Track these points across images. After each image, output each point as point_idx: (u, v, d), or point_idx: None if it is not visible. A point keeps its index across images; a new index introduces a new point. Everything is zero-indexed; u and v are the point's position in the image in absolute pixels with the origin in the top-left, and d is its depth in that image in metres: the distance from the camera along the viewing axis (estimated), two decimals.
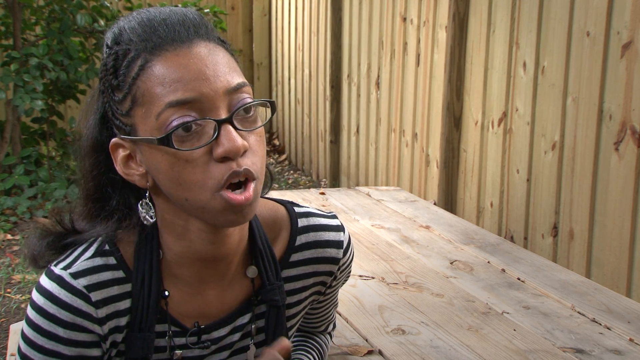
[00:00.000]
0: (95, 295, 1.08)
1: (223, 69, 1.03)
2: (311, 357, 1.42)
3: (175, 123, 0.99)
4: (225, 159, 1.01)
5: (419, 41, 4.23)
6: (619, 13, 2.77)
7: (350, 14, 5.23)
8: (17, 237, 4.48)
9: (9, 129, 5.19)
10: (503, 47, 3.49)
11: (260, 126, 1.06)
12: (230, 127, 1.01)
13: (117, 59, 1.04)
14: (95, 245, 1.12)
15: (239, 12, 7.03)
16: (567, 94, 3.07)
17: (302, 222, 1.24)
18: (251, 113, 1.04)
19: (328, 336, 1.51)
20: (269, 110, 1.09)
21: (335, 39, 5.42)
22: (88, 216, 1.14)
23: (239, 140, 1.00)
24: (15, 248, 4.33)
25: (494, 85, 3.59)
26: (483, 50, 3.65)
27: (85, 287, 1.08)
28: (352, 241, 1.32)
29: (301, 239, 1.24)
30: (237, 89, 1.03)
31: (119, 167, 1.08)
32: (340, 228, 1.28)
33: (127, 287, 1.11)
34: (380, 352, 1.81)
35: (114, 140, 1.07)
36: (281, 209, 1.25)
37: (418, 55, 4.25)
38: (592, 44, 2.91)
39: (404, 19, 4.40)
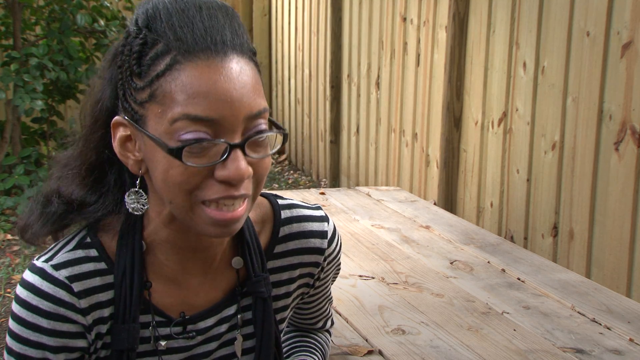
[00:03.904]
0: (77, 286, 1.09)
1: (249, 93, 1.01)
2: (316, 357, 1.42)
3: (188, 136, 0.98)
4: (225, 181, 1.01)
5: (419, 41, 4.23)
6: (619, 13, 2.77)
7: (350, 14, 5.23)
8: (17, 237, 4.48)
9: (9, 129, 5.19)
10: (503, 47, 3.49)
11: (269, 155, 1.05)
12: (240, 153, 1.00)
13: (144, 45, 1.02)
14: (77, 238, 1.12)
15: (239, 12, 7.02)
16: (567, 94, 3.07)
17: (285, 213, 1.25)
18: (263, 139, 1.04)
19: (327, 334, 1.51)
20: (280, 136, 1.07)
21: (335, 39, 5.42)
22: (85, 187, 1.13)
23: (244, 167, 1.00)
24: (15, 248, 4.33)
25: (494, 85, 3.59)
26: (483, 50, 3.65)
27: (66, 277, 1.08)
28: (338, 232, 1.31)
29: (284, 230, 1.24)
30: (257, 115, 1.02)
31: (115, 145, 1.07)
32: (324, 219, 1.28)
33: (109, 279, 1.11)
34: (380, 352, 1.81)
35: (117, 118, 1.06)
36: (264, 202, 1.25)
37: (418, 55, 4.25)
38: (592, 44, 2.91)
39: (404, 19, 4.40)
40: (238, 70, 1.01)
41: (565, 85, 3.08)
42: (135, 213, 1.08)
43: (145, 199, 1.08)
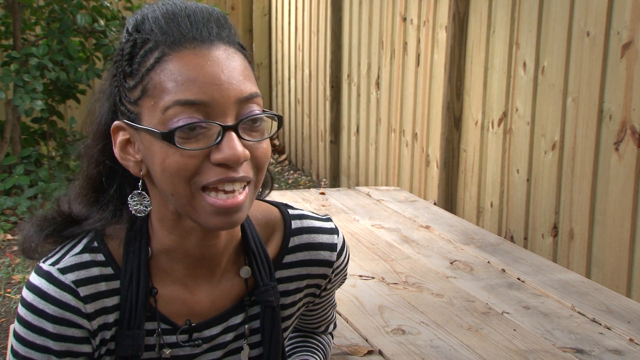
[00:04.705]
0: (83, 291, 1.09)
1: (238, 77, 1.02)
2: (317, 358, 1.42)
3: (181, 122, 0.99)
4: (222, 164, 1.01)
5: (419, 41, 4.23)
6: (619, 13, 2.77)
7: (350, 14, 5.23)
8: (17, 237, 4.48)
9: (9, 129, 5.19)
10: (503, 47, 3.49)
11: (265, 138, 1.05)
12: (234, 135, 1.01)
13: (134, 46, 1.04)
14: (83, 242, 1.12)
15: (239, 12, 7.03)
16: (567, 94, 3.07)
17: (295, 224, 1.25)
18: (258, 124, 1.04)
19: (330, 336, 1.51)
20: (275, 122, 1.09)
21: (335, 39, 5.42)
22: (86, 202, 1.14)
23: (240, 149, 1.00)
24: (15, 248, 4.33)
25: (494, 85, 3.59)
26: (483, 50, 3.65)
27: (73, 282, 1.08)
28: (347, 244, 1.32)
29: (294, 241, 1.24)
30: (249, 99, 1.03)
31: (116, 150, 1.08)
32: (334, 231, 1.28)
33: (115, 284, 1.11)
34: (380, 352, 1.81)
35: (116, 122, 1.07)
36: (275, 211, 1.25)
37: (418, 55, 4.25)
38: (592, 44, 2.91)
39: (404, 19, 4.40)
40: (225, 56, 1.03)
41: (565, 85, 3.08)
42: (139, 215, 1.09)
43: (148, 201, 1.08)
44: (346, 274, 1.35)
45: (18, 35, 5.17)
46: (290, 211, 1.26)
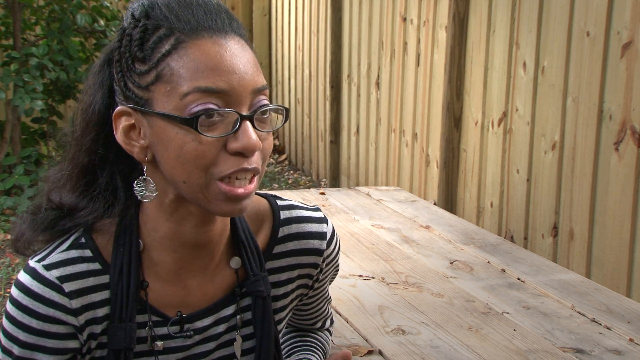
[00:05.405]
0: (68, 286, 1.09)
1: (252, 68, 1.05)
2: (317, 357, 1.42)
3: (199, 108, 1.01)
4: (238, 153, 1.02)
5: (419, 41, 4.23)
6: (619, 13, 2.77)
7: (350, 14, 5.23)
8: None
9: (9, 129, 5.19)
10: (503, 47, 3.49)
11: (274, 129, 1.09)
12: (250, 124, 1.03)
13: (145, 31, 1.04)
14: (71, 239, 1.12)
15: (239, 12, 7.03)
16: (567, 94, 3.07)
17: (284, 214, 1.26)
18: (267, 115, 1.07)
19: (327, 333, 1.51)
20: (280, 116, 1.11)
21: (335, 39, 5.42)
22: (76, 191, 1.14)
23: (255, 139, 1.03)
24: None
25: (494, 85, 3.59)
26: (483, 50, 3.65)
27: (57, 278, 1.09)
28: (337, 234, 1.32)
29: (284, 231, 1.25)
30: (261, 90, 1.06)
31: (119, 136, 1.08)
32: (322, 220, 1.29)
33: (104, 279, 1.11)
34: (380, 352, 1.81)
35: (120, 107, 1.07)
36: (264, 202, 1.26)
37: (418, 55, 4.25)
38: (592, 44, 2.91)
39: (404, 19, 4.40)
40: (239, 47, 1.05)
41: (565, 85, 3.08)
42: (145, 200, 1.09)
43: (154, 186, 1.09)
44: (338, 265, 1.35)
45: (18, 35, 5.17)
46: (279, 202, 1.27)
